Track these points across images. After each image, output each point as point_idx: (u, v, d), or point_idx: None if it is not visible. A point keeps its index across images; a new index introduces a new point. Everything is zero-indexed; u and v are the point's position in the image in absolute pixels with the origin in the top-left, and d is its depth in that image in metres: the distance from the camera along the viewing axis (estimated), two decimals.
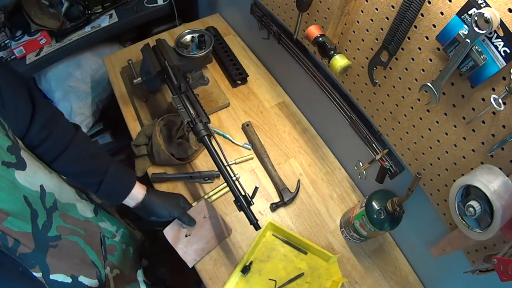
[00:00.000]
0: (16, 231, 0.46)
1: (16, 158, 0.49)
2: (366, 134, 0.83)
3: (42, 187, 0.54)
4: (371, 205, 0.75)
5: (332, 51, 0.70)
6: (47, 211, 0.54)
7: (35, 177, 0.53)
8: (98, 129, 1.71)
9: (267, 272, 0.84)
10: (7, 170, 0.47)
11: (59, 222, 0.56)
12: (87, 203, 0.69)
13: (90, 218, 0.67)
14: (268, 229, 0.88)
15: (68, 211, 0.60)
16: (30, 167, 0.52)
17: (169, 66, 0.91)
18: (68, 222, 0.59)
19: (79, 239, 0.61)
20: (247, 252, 0.83)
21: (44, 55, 1.30)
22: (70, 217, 0.60)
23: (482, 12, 0.42)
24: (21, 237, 0.47)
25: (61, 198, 0.59)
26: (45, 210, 0.53)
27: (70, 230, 0.59)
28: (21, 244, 0.47)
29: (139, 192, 0.74)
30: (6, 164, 0.46)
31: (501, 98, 0.46)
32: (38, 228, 0.50)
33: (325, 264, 0.86)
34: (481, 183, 0.48)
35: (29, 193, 0.50)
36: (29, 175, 0.51)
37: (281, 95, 1.18)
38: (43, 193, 0.54)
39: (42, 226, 0.51)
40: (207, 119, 0.84)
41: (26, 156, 0.52)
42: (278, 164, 1.02)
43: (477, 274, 0.58)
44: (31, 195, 0.51)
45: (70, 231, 0.59)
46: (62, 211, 0.58)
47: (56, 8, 1.32)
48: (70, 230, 0.59)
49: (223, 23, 1.39)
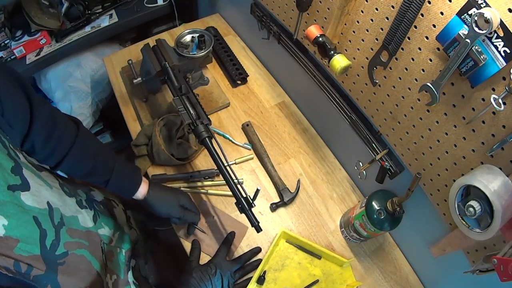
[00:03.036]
0: (26, 256, 0.46)
1: (21, 179, 0.49)
2: (366, 134, 0.83)
3: (49, 204, 0.53)
4: (371, 205, 0.75)
5: (332, 51, 0.70)
6: (56, 228, 0.53)
7: (40, 195, 0.52)
8: (98, 129, 1.71)
9: (282, 280, 0.84)
10: (13, 194, 0.46)
11: (66, 238, 0.56)
12: (86, 211, 0.68)
13: (91, 228, 0.67)
14: (281, 238, 0.88)
15: (73, 225, 0.60)
16: (34, 186, 0.51)
17: (169, 67, 0.91)
18: (74, 236, 0.59)
19: (85, 251, 0.61)
20: (261, 262, 0.82)
21: (44, 55, 1.30)
22: (75, 231, 0.60)
23: (482, 12, 0.42)
24: (33, 261, 0.47)
25: (66, 212, 0.59)
26: (54, 227, 0.53)
27: (76, 244, 0.59)
28: (34, 267, 0.47)
29: (142, 189, 0.75)
30: (11, 188, 0.46)
31: (501, 98, 0.46)
32: (47, 249, 0.50)
33: (339, 269, 0.86)
34: (481, 183, 0.48)
35: (38, 213, 0.50)
36: (34, 194, 0.50)
37: (281, 95, 1.18)
38: (51, 210, 0.53)
39: (50, 246, 0.51)
40: (208, 121, 0.84)
41: (29, 174, 0.51)
42: (278, 164, 1.02)
43: (477, 274, 0.58)
44: (40, 214, 0.50)
45: (77, 245, 0.59)
46: (68, 225, 0.58)
47: (56, 8, 1.32)
48: (77, 244, 0.59)
49: (223, 23, 1.39)
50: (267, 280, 0.83)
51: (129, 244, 0.79)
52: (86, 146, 0.67)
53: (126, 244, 0.78)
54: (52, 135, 0.60)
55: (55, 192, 0.58)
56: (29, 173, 0.52)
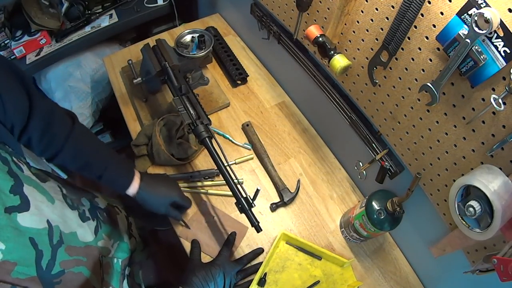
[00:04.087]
0: (23, 279, 0.46)
1: (20, 198, 0.48)
2: (366, 134, 0.83)
3: (49, 222, 0.53)
4: (371, 205, 0.75)
5: (332, 51, 0.70)
6: (53, 248, 0.53)
7: (40, 214, 0.52)
8: (98, 129, 1.71)
9: (283, 282, 0.84)
10: (10, 217, 0.45)
11: (63, 257, 0.55)
12: (88, 224, 0.67)
13: (90, 242, 0.66)
14: (281, 239, 0.88)
15: (71, 242, 0.59)
16: (34, 204, 0.51)
17: (169, 67, 0.91)
18: (72, 254, 0.58)
19: (82, 268, 0.61)
20: (262, 264, 0.82)
21: (44, 55, 1.30)
22: (74, 248, 0.60)
23: (482, 12, 0.42)
24: (30, 283, 0.46)
25: (65, 229, 0.58)
26: (51, 247, 0.53)
27: (74, 262, 0.59)
28: None
29: (133, 186, 0.74)
30: (8, 210, 0.45)
31: (501, 98, 0.46)
32: (42, 269, 0.50)
33: (339, 270, 0.86)
34: (481, 183, 0.48)
35: (35, 234, 0.49)
36: (34, 213, 0.50)
37: (281, 95, 1.18)
38: (51, 229, 0.53)
39: (46, 266, 0.51)
40: (208, 121, 0.84)
41: (30, 191, 0.51)
42: (278, 164, 1.02)
43: (477, 274, 0.58)
44: (38, 234, 0.50)
45: (74, 262, 0.59)
46: (67, 244, 0.57)
47: (56, 8, 1.32)
48: (74, 262, 0.59)
49: (223, 23, 1.39)
50: (268, 282, 0.83)
51: (127, 253, 0.79)
52: (80, 142, 0.68)
53: (123, 253, 0.78)
54: (48, 131, 0.60)
55: (57, 206, 0.57)
56: (31, 189, 0.51)
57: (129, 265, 0.78)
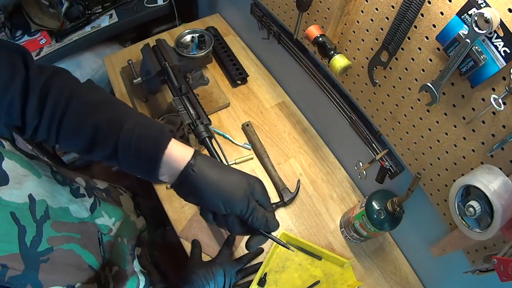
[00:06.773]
0: (2, 256, 0.43)
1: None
2: (366, 134, 0.83)
3: (31, 196, 0.50)
4: (371, 205, 0.75)
5: (332, 51, 0.70)
6: (37, 223, 0.50)
7: (21, 187, 0.48)
8: None
9: (283, 282, 0.84)
10: None
11: (51, 233, 0.52)
12: (83, 200, 0.64)
13: (86, 218, 0.63)
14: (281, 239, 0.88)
15: (60, 217, 0.56)
16: (14, 178, 0.47)
17: (169, 67, 0.91)
18: (61, 230, 0.55)
19: (74, 245, 0.57)
20: (262, 264, 0.82)
21: (44, 55, 1.30)
22: (63, 224, 0.56)
23: (482, 12, 0.42)
24: (9, 261, 0.43)
25: (53, 203, 0.55)
26: (35, 222, 0.50)
27: (64, 239, 0.56)
28: (9, 268, 0.43)
29: (186, 153, 0.49)
30: None
31: (501, 98, 0.46)
32: (27, 246, 0.47)
33: (340, 270, 0.86)
34: (481, 183, 0.48)
35: (16, 208, 0.47)
36: (14, 187, 0.47)
37: (281, 95, 1.18)
38: (33, 203, 0.50)
39: (30, 243, 0.48)
40: (208, 121, 0.83)
41: (10, 165, 0.48)
42: (278, 164, 1.02)
43: (477, 274, 0.58)
44: (18, 209, 0.47)
45: (64, 239, 0.56)
46: (54, 219, 0.54)
47: (56, 8, 1.32)
48: (64, 239, 0.56)
49: (223, 23, 1.39)
50: (268, 282, 0.83)
51: (133, 232, 0.76)
52: (81, 111, 0.52)
53: (129, 232, 0.74)
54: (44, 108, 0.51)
55: (43, 181, 0.54)
56: (11, 163, 0.48)
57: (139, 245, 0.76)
